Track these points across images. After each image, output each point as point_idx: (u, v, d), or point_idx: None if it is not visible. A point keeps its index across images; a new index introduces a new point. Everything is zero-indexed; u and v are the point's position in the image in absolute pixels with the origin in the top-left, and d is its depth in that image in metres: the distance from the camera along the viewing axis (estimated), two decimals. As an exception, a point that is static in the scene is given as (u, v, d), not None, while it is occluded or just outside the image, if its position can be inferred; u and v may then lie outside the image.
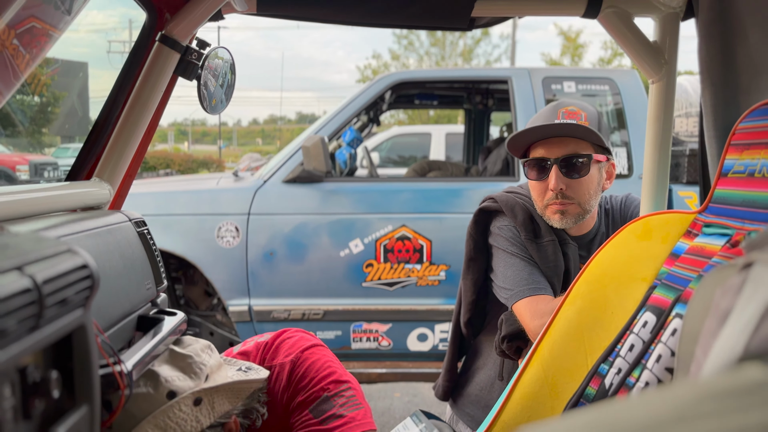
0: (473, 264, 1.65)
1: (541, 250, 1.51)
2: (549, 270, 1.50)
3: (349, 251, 2.97)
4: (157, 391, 0.93)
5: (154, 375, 0.94)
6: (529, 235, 1.52)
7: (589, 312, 1.19)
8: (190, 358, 1.00)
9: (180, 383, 0.95)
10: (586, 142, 1.46)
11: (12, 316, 0.52)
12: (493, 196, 1.62)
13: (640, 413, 0.32)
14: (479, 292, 1.67)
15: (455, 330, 1.81)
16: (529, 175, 1.52)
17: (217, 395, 1.00)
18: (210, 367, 1.02)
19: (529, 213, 1.55)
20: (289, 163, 3.07)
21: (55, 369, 0.64)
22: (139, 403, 0.91)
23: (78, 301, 0.65)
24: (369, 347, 3.01)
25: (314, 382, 1.13)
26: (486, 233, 1.62)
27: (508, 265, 1.52)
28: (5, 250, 0.59)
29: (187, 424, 0.94)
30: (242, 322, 2.98)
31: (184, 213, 3.04)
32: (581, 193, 1.46)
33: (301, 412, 1.11)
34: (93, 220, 1.00)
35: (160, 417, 0.91)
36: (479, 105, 4.76)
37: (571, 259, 1.52)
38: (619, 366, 1.06)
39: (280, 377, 1.15)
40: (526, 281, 1.47)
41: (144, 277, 1.12)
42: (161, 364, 0.98)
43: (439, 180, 3.36)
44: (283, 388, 1.14)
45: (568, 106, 1.49)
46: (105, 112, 1.21)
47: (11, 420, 0.58)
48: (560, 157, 1.45)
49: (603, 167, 1.51)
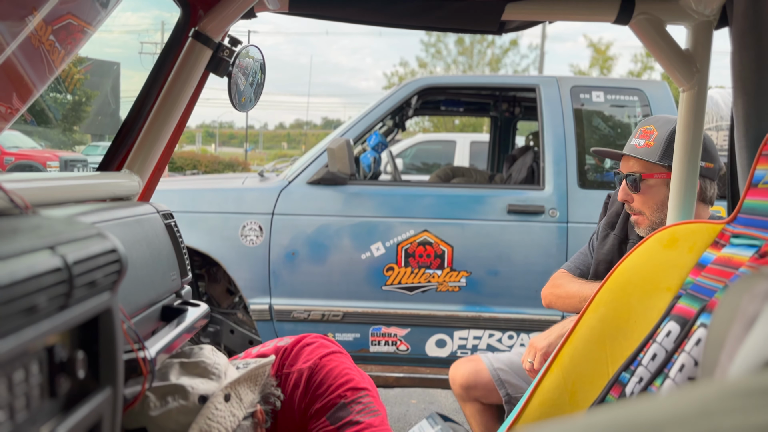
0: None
1: (606, 239, 1.76)
2: (600, 255, 1.74)
3: (371, 254, 2.97)
4: (188, 400, 0.96)
5: (179, 388, 0.97)
6: (607, 225, 1.80)
7: (612, 320, 1.18)
8: (203, 363, 1.03)
9: (205, 386, 0.98)
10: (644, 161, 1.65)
11: (42, 294, 0.53)
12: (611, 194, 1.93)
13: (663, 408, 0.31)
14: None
15: None
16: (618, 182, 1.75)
17: (241, 387, 1.03)
18: (224, 365, 1.06)
19: (619, 210, 1.80)
20: (314, 165, 3.09)
21: (81, 350, 0.66)
22: (175, 417, 0.94)
23: (106, 284, 0.67)
24: (387, 351, 3.01)
25: (332, 389, 1.13)
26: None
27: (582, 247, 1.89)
28: (38, 230, 0.60)
29: (226, 420, 0.97)
30: (263, 320, 3.00)
31: (210, 211, 3.07)
32: (644, 207, 1.65)
33: (318, 419, 1.12)
34: (122, 210, 1.02)
35: (202, 421, 0.94)
36: (506, 113, 4.73)
37: None
38: (641, 375, 1.04)
39: (298, 384, 1.16)
40: (573, 259, 1.81)
41: (169, 268, 1.14)
42: (179, 377, 1.00)
43: (462, 186, 3.35)
44: (301, 394, 1.15)
45: (647, 125, 1.70)
46: (137, 105, 1.24)
47: (38, 397, 0.60)
48: (624, 174, 1.68)
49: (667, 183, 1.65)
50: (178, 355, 1.07)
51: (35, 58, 1.23)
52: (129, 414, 0.95)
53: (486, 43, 24.39)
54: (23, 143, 10.23)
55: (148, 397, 0.96)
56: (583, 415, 0.34)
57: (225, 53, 1.27)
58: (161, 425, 0.94)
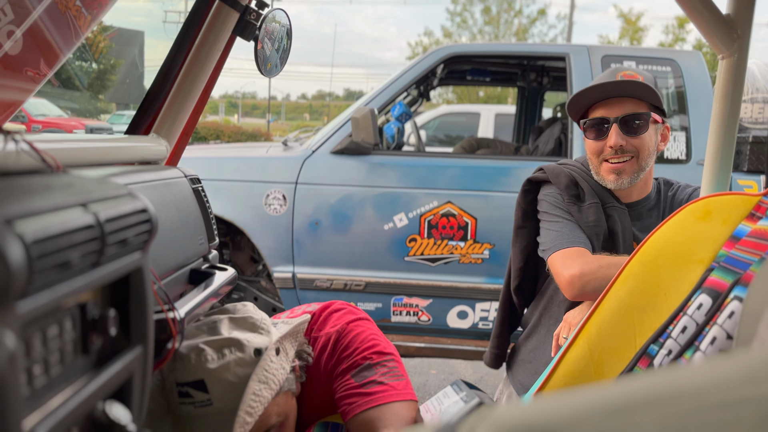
0: (521, 231, 1.71)
1: (582, 212, 1.56)
2: (589, 230, 1.55)
3: (393, 225, 2.97)
4: (245, 353, 0.99)
5: (235, 341, 0.99)
6: (572, 199, 1.58)
7: (642, 293, 1.16)
8: (251, 318, 1.06)
9: (258, 340, 1.02)
10: (644, 103, 1.51)
11: (75, 250, 0.54)
12: (542, 167, 1.68)
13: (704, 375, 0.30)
14: (527, 260, 1.73)
15: (506, 297, 1.86)
16: (588, 135, 1.57)
17: (286, 342, 1.07)
18: (269, 321, 1.10)
19: (573, 179, 1.61)
20: (338, 135, 3.08)
21: (112, 308, 0.66)
22: (234, 370, 0.97)
23: (137, 243, 0.67)
24: (408, 321, 3.03)
25: (358, 351, 1.15)
26: (534, 203, 1.68)
27: (551, 225, 1.57)
28: (70, 188, 0.60)
29: (279, 372, 1.01)
30: (286, 288, 3.03)
31: (234, 179, 3.09)
32: (640, 150, 1.52)
33: (343, 377, 1.14)
34: (151, 173, 1.03)
35: (260, 372, 0.97)
36: (533, 83, 4.63)
37: (617, 220, 1.55)
38: (670, 347, 1.03)
39: (325, 346, 1.17)
40: (566, 236, 1.52)
41: (197, 232, 1.14)
42: (231, 331, 1.02)
43: (487, 157, 3.31)
44: (328, 356, 1.17)
45: (626, 70, 1.55)
46: (164, 68, 1.23)
47: (71, 352, 0.61)
48: (620, 116, 1.51)
49: (659, 129, 1.57)
50: (225, 311, 1.10)
51: (62, 23, 1.22)
52: (186, 367, 0.98)
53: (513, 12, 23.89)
54: (50, 111, 10.37)
55: (204, 350, 0.97)
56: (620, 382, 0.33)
57: (252, 17, 1.25)
58: (219, 377, 0.96)
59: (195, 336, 1.02)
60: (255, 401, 0.96)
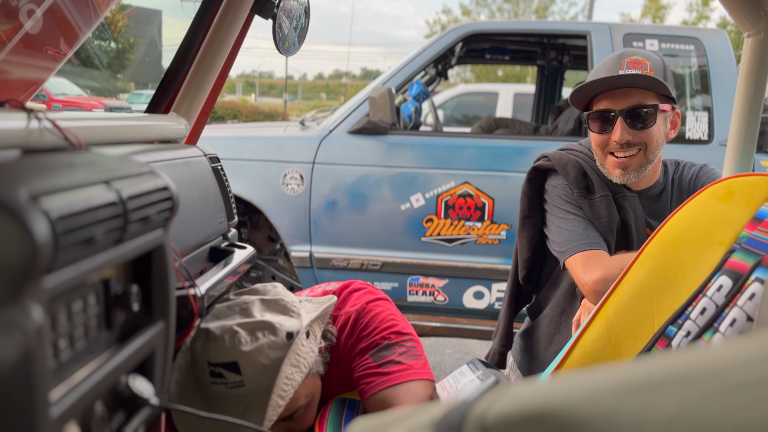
0: (528, 222, 1.65)
1: (593, 206, 1.50)
2: (602, 226, 1.49)
3: (410, 205, 2.96)
4: (277, 336, 1.01)
5: (268, 324, 1.01)
6: (582, 192, 1.52)
7: (661, 274, 1.15)
8: (282, 301, 1.07)
9: (290, 324, 1.03)
10: (652, 93, 1.43)
11: (99, 226, 0.54)
12: (546, 154, 1.62)
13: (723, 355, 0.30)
14: (535, 249, 1.68)
15: (512, 291, 1.82)
16: (592, 128, 1.49)
17: (315, 325, 1.09)
18: (298, 304, 1.11)
19: (581, 170, 1.54)
20: (355, 114, 3.07)
21: (135, 284, 0.67)
22: (267, 353, 0.99)
23: (158, 221, 0.68)
24: (425, 301, 3.04)
25: (377, 331, 1.16)
26: (540, 191, 1.62)
27: (563, 222, 1.52)
28: (93, 166, 0.61)
29: (309, 356, 1.03)
30: (303, 267, 3.05)
31: (252, 158, 3.10)
32: (648, 142, 1.44)
33: (362, 356, 1.15)
34: (171, 152, 1.04)
35: (292, 356, 1.00)
36: (553, 61, 4.56)
37: (629, 210, 1.50)
38: (689, 329, 1.02)
39: (345, 325, 1.19)
40: (580, 237, 1.47)
41: (217, 210, 1.15)
42: (263, 313, 1.04)
43: (505, 137, 3.28)
44: (347, 335, 1.18)
45: (633, 56, 1.46)
46: (183, 48, 1.23)
47: (95, 327, 0.62)
48: (625, 108, 1.43)
49: (668, 117, 1.49)
50: (256, 292, 1.11)
51: (81, 2, 1.23)
52: (219, 348, 0.99)
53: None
54: (70, 90, 10.43)
55: (238, 333, 0.99)
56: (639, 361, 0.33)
57: (270, -6, 1.25)
58: (252, 360, 0.98)
59: (228, 317, 1.03)
60: (287, 384, 0.98)
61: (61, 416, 0.52)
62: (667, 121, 1.49)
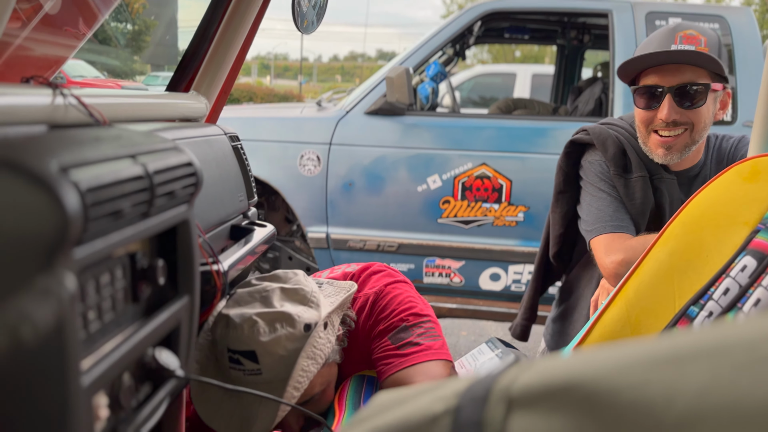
0: (562, 197, 1.62)
1: (629, 186, 1.46)
2: (634, 208, 1.45)
3: (427, 186, 2.96)
4: (295, 328, 1.02)
5: (287, 316, 1.02)
6: (618, 171, 1.47)
7: (683, 254, 1.14)
8: (302, 290, 1.08)
9: (308, 315, 1.04)
10: (704, 70, 1.36)
11: (127, 199, 0.55)
12: (586, 128, 1.57)
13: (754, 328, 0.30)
14: (568, 226, 1.64)
15: (540, 266, 1.80)
16: (638, 103, 1.43)
17: (334, 315, 1.09)
18: (318, 293, 1.11)
19: (620, 147, 1.49)
20: (372, 95, 3.05)
21: (160, 259, 0.68)
22: (284, 344, 1.00)
23: (183, 196, 0.68)
24: (441, 282, 3.04)
25: (395, 313, 1.16)
26: (577, 166, 1.58)
27: (594, 201, 1.48)
28: (119, 140, 0.62)
29: (326, 347, 1.04)
30: (320, 248, 3.06)
31: (269, 139, 3.11)
32: (695, 122, 1.39)
33: (380, 339, 1.16)
34: (192, 130, 1.04)
35: (309, 349, 1.01)
36: (574, 41, 4.48)
37: (665, 194, 1.46)
38: (711, 309, 1.01)
39: (363, 307, 1.19)
40: (609, 218, 1.44)
41: (237, 189, 1.16)
42: (283, 303, 1.05)
43: (524, 118, 3.25)
44: (366, 317, 1.18)
45: (687, 30, 1.40)
46: (203, 26, 1.23)
47: (122, 300, 0.63)
48: (675, 85, 1.37)
49: (718, 97, 1.43)
50: (277, 279, 1.12)
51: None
52: (239, 337, 1.01)
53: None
54: (88, 72, 10.49)
55: (257, 323, 1.01)
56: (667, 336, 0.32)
57: (289, -29, 1.24)
58: (270, 350, 1.00)
59: (248, 304, 1.05)
60: (302, 377, 1.00)
61: (91, 385, 0.53)
62: (717, 101, 1.43)
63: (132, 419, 0.64)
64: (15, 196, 0.44)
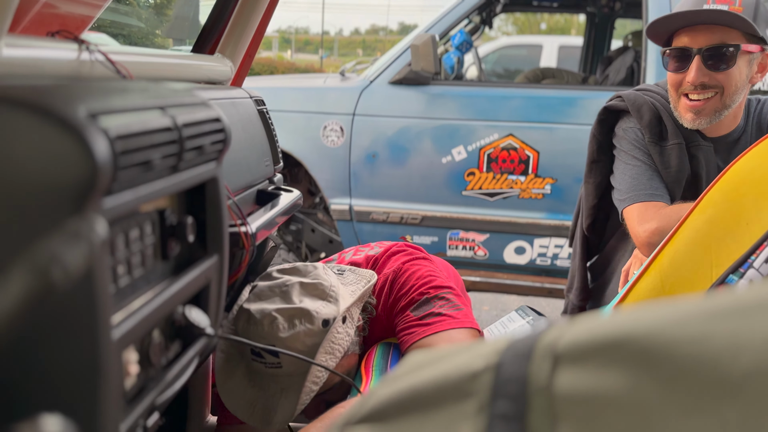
0: (596, 166, 1.58)
1: (664, 154, 1.42)
2: (670, 176, 1.42)
3: (452, 158, 2.91)
4: (314, 324, 1.03)
5: (305, 312, 1.03)
6: (654, 138, 1.43)
7: (721, 222, 1.10)
8: (321, 285, 1.09)
9: (326, 310, 1.06)
10: (736, 31, 1.32)
11: (156, 151, 0.54)
12: (621, 94, 1.53)
13: None
14: (602, 196, 1.60)
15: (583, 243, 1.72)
16: (668, 66, 1.40)
17: (353, 308, 1.10)
18: (337, 286, 1.12)
19: (656, 113, 1.45)
20: (397, 64, 3.00)
21: (190, 216, 0.67)
22: (303, 339, 1.02)
23: (212, 152, 0.67)
24: (464, 255, 3.02)
25: (414, 288, 1.16)
26: (611, 134, 1.54)
27: (628, 169, 1.45)
28: (146, 92, 0.60)
29: (344, 341, 1.06)
30: (343, 220, 3.05)
31: (292, 110, 3.08)
32: (725, 86, 1.34)
33: (402, 313, 1.16)
34: (218, 91, 1.02)
35: (327, 344, 1.03)
36: (604, 9, 4.33)
37: (702, 162, 1.42)
38: (751, 277, 0.98)
39: (383, 288, 1.20)
40: (644, 186, 1.40)
41: (263, 153, 1.15)
42: (302, 298, 1.06)
43: (553, 87, 3.17)
44: (386, 296, 1.19)
45: None
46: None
47: (151, 256, 0.62)
48: (704, 47, 1.33)
49: (755, 59, 1.37)
50: (297, 272, 1.13)
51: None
52: (259, 333, 1.03)
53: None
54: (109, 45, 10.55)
55: (276, 320, 1.03)
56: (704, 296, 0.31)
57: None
58: (289, 346, 1.01)
59: (268, 299, 1.07)
60: (321, 372, 1.03)
61: (121, 339, 0.52)
62: (754, 63, 1.37)
63: (161, 377, 0.64)
64: (44, 141, 0.43)
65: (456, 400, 0.35)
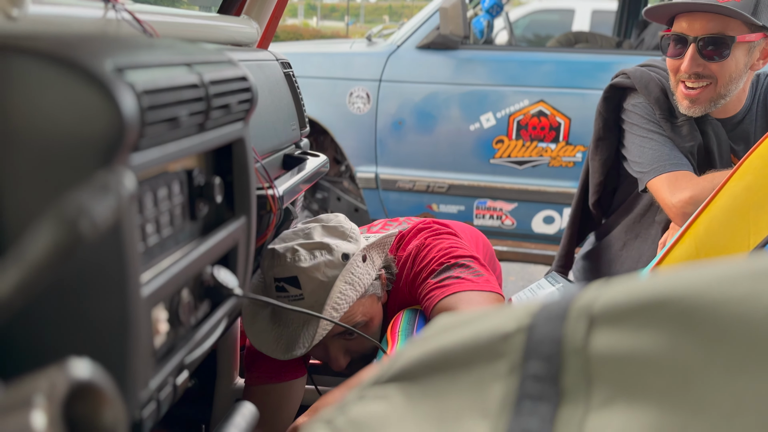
0: (602, 143, 1.58)
1: (675, 130, 1.41)
2: (684, 151, 1.40)
3: (480, 125, 2.87)
4: (334, 256, 1.08)
5: (326, 245, 1.09)
6: (664, 114, 1.42)
7: (760, 188, 1.06)
8: (341, 227, 1.14)
9: (347, 246, 1.11)
10: (735, 21, 1.28)
11: (183, 107, 0.53)
12: (626, 71, 1.51)
13: None
14: (608, 173, 1.61)
15: (576, 214, 1.77)
16: (666, 50, 1.38)
17: (373, 251, 1.14)
18: (357, 231, 1.17)
19: (663, 90, 1.43)
20: (424, 28, 2.94)
21: (217, 177, 0.67)
22: (323, 270, 1.07)
23: (239, 111, 0.66)
24: (492, 224, 2.99)
25: (435, 259, 1.18)
26: (617, 111, 1.53)
27: (645, 142, 1.43)
28: (173, 49, 0.59)
29: (364, 277, 1.09)
30: (368, 189, 3.04)
31: (317, 76, 3.05)
32: (719, 76, 1.31)
33: (424, 282, 1.17)
34: (245, 53, 1.01)
35: (347, 274, 1.07)
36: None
37: (713, 137, 1.40)
38: (793, 245, 0.95)
39: (406, 261, 1.22)
40: (667, 156, 1.38)
41: (290, 117, 1.13)
42: (323, 237, 1.11)
43: (586, 51, 3.08)
44: (408, 270, 1.22)
45: None
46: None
47: (180, 216, 0.62)
48: (700, 36, 1.29)
49: (756, 47, 1.33)
50: (318, 220, 1.17)
51: None
52: (282, 265, 1.08)
53: None
54: (139, 14, 10.57)
55: (298, 251, 1.08)
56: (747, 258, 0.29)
57: None
58: (311, 276, 1.06)
59: (291, 239, 1.11)
60: (341, 299, 1.05)
61: (150, 297, 0.52)
62: (755, 51, 1.34)
63: (191, 336, 0.64)
64: (71, 94, 0.43)
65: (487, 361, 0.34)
